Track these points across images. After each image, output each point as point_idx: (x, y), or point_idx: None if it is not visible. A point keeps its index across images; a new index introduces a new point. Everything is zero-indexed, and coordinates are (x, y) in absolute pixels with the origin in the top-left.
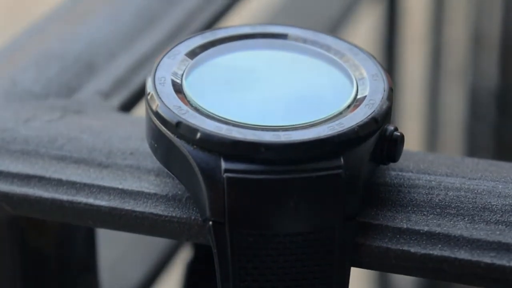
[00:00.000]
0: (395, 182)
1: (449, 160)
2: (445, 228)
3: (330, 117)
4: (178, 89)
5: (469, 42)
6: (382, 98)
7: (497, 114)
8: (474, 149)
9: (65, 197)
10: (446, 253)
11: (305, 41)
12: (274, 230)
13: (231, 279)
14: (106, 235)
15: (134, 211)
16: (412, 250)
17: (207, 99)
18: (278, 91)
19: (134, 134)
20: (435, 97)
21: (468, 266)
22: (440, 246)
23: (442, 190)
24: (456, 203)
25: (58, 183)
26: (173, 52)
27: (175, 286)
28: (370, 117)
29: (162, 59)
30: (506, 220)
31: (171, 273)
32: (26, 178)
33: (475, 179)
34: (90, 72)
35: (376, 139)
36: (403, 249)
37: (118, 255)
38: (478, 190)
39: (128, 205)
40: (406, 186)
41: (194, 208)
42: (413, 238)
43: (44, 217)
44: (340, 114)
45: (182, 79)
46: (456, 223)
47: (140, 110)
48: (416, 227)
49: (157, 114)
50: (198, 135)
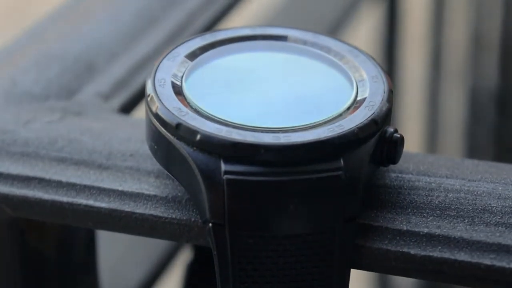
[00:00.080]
0: (395, 184)
1: (449, 161)
2: (445, 230)
3: (330, 119)
4: (178, 91)
5: (469, 43)
6: (382, 100)
7: (497, 116)
8: (474, 150)
9: (65, 199)
10: (446, 255)
11: (305, 43)
12: (274, 232)
13: (231, 281)
14: (106, 237)
15: (134, 213)
16: (412, 252)
17: (207, 101)
18: (278, 93)
19: (134, 136)
20: (435, 98)
21: (468, 268)
22: (440, 248)
23: (442, 192)
24: (456, 205)
25: (58, 185)
26: (173, 54)
27: (175, 287)
28: (370, 119)
29: (162, 61)
30: (506, 222)
31: (171, 274)
32: (26, 180)
33: (475, 181)
34: (90, 73)
35: (376, 141)
36: (403, 251)
37: (118, 257)
38: (478, 192)
39: (128, 207)
40: (406, 188)
41: (194, 210)
42: (413, 240)
43: (44, 219)
44: (340, 116)
45: (182, 81)
46: (456, 225)
47: (140, 112)
48: (416, 229)
49: (157, 116)
50: (198, 137)
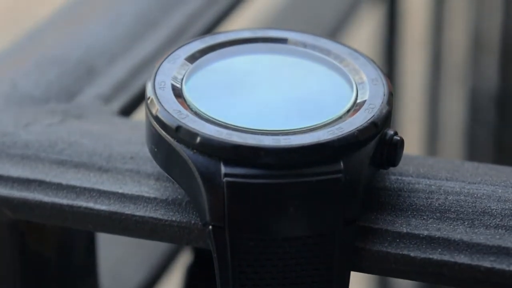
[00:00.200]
0: (395, 186)
1: (448, 164)
2: (444, 232)
3: (330, 121)
4: (178, 93)
5: (469, 45)
6: (382, 103)
7: (497, 118)
8: (474, 152)
9: (65, 201)
10: (446, 257)
11: (305, 45)
12: (274, 234)
13: (231, 283)
14: (106, 239)
15: (134, 216)
16: (412, 254)
17: (207, 104)
18: (278, 96)
19: (134, 139)
20: (435, 100)
21: (468, 271)
22: (440, 250)
23: (442, 194)
24: (456, 208)
25: (58, 187)
26: (173, 56)
27: None
28: (369, 121)
29: (162, 64)
30: (505, 224)
31: (171, 277)
32: (26, 182)
33: (475, 183)
34: (91, 76)
35: (376, 144)
36: (403, 253)
37: (118, 259)
38: (478, 194)
39: (128, 209)
40: (406, 190)
41: (194, 212)
42: (413, 243)
43: (44, 221)
44: (340, 119)
45: (182, 84)
46: (455, 228)
47: (140, 115)
48: (416, 232)
49: (157, 119)
50: (198, 140)
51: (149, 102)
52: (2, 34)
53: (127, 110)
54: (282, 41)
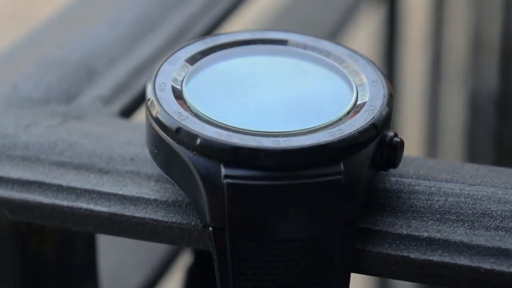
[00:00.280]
0: (395, 188)
1: (449, 166)
2: (445, 234)
3: (330, 123)
4: (178, 95)
5: (469, 47)
6: (382, 104)
7: (497, 119)
8: (474, 154)
9: (65, 203)
10: (446, 259)
11: (305, 47)
12: (274, 236)
13: (231, 285)
14: (107, 240)
15: (134, 217)
16: (412, 256)
17: (207, 105)
18: (278, 97)
19: (134, 140)
20: (435, 101)
21: (468, 272)
22: (440, 252)
23: (442, 196)
24: (456, 209)
25: (58, 189)
26: (173, 58)
27: None
28: (370, 123)
29: (162, 65)
30: (505, 226)
31: (171, 278)
32: (27, 184)
33: (475, 185)
34: (90, 78)
35: (376, 145)
36: (403, 255)
37: (118, 260)
38: (478, 196)
39: (128, 211)
40: (406, 192)
41: (194, 214)
42: (413, 244)
43: (44, 223)
44: (340, 120)
45: (182, 85)
46: (456, 229)
47: (140, 116)
48: (416, 233)
49: (157, 120)
50: (198, 141)
51: (149, 103)
52: (3, 39)
53: (127, 112)
54: (282, 42)
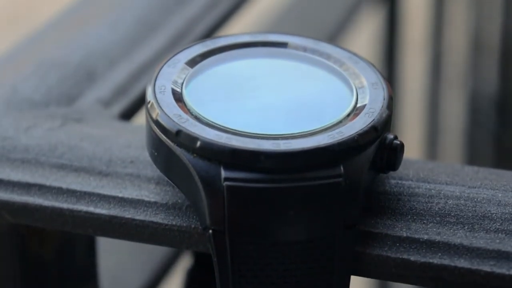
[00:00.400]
0: (395, 190)
1: (448, 168)
2: (444, 236)
3: (330, 125)
4: (178, 97)
5: (469, 49)
6: (382, 107)
7: (497, 121)
8: (474, 155)
9: (65, 205)
10: (446, 261)
11: (305, 49)
12: (274, 239)
13: (231, 287)
14: (106, 242)
15: (134, 220)
16: (412, 258)
17: (207, 108)
18: (278, 100)
19: (134, 143)
20: (435, 103)
21: (467, 275)
22: (439, 254)
23: (441, 198)
24: (455, 212)
25: (58, 192)
26: (173, 60)
27: None
28: (370, 125)
29: (162, 68)
30: (505, 228)
31: (171, 280)
32: (27, 187)
33: (475, 188)
34: (91, 80)
35: (376, 148)
36: (403, 257)
37: (118, 263)
38: (478, 199)
39: (128, 213)
40: (406, 194)
41: (194, 216)
42: (413, 247)
43: (44, 225)
44: (340, 123)
45: (182, 88)
46: (455, 232)
47: (140, 119)
48: (415, 236)
49: (157, 123)
50: (198, 144)
51: (149, 106)
52: (3, 41)
53: (127, 114)
54: (282, 45)
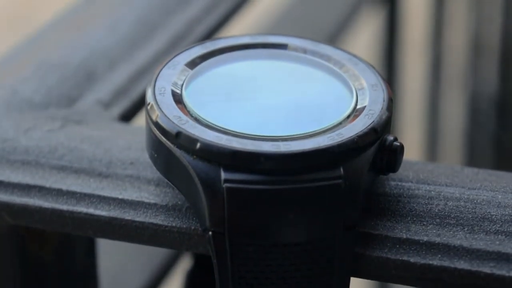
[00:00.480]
0: (395, 192)
1: (448, 169)
2: (444, 238)
3: (329, 127)
4: (178, 99)
5: (468, 50)
6: (381, 108)
7: (497, 122)
8: (474, 156)
9: (65, 207)
10: (446, 263)
11: (305, 51)
12: (274, 240)
13: None
14: (107, 244)
15: (134, 221)
16: (411, 260)
17: (207, 109)
18: (277, 101)
19: (134, 144)
20: (435, 105)
21: (467, 276)
22: (439, 256)
23: (441, 200)
24: (455, 213)
25: (58, 193)
26: (173, 62)
27: None
28: (369, 127)
29: (162, 69)
30: (505, 230)
31: (171, 282)
32: (26, 188)
33: (475, 189)
34: (90, 82)
35: (375, 149)
36: (403, 259)
37: (118, 264)
38: (478, 200)
39: (128, 215)
40: (405, 196)
41: (194, 218)
42: (412, 248)
43: (44, 227)
44: (339, 124)
45: (182, 89)
46: (455, 233)
47: (140, 120)
48: (415, 237)
49: (157, 124)
50: (198, 145)
51: (149, 108)
52: (3, 43)
53: (127, 116)
54: (282, 47)
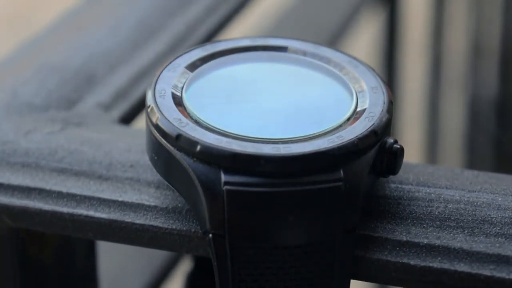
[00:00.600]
0: (395, 194)
1: (448, 172)
2: (444, 240)
3: (330, 129)
4: (178, 101)
5: (469, 51)
6: (381, 111)
7: (497, 124)
8: (474, 158)
9: (65, 209)
10: (446, 265)
11: (305, 53)
12: (274, 243)
13: None
14: (107, 246)
15: (134, 224)
16: (411, 262)
17: (207, 112)
18: (278, 104)
19: (134, 147)
20: (435, 107)
21: (467, 279)
22: (439, 258)
23: (441, 202)
24: (455, 216)
25: (59, 196)
26: (173, 64)
27: None
28: (369, 130)
29: (162, 72)
30: (505, 232)
31: (171, 284)
32: (27, 191)
33: (475, 192)
34: (91, 84)
35: (375, 152)
36: (403, 261)
37: (118, 266)
38: (478, 203)
39: (128, 217)
40: (405, 198)
41: (194, 220)
42: (412, 251)
43: (44, 229)
44: (340, 127)
45: (182, 92)
46: (455, 236)
47: (140, 123)
48: (415, 240)
49: (157, 127)
50: (198, 148)
51: (149, 110)
52: (2, 44)
53: (127, 118)
54: (282, 49)
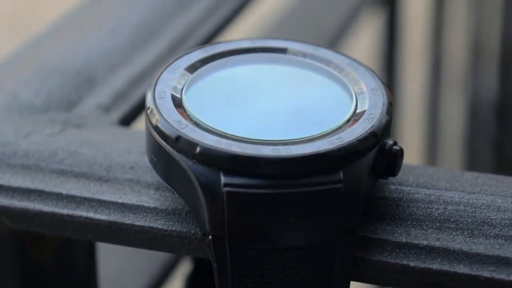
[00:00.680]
0: (395, 196)
1: (448, 174)
2: (444, 242)
3: (329, 131)
4: (178, 103)
5: (469, 54)
6: (381, 113)
7: (497, 126)
8: (474, 160)
9: (65, 211)
10: (445, 267)
11: (304, 55)
12: (274, 245)
13: None
14: (106, 248)
15: (134, 225)
16: (411, 264)
17: (207, 113)
18: (277, 105)
19: (134, 148)
20: (435, 109)
21: (467, 281)
22: (439, 260)
23: (441, 204)
24: (455, 217)
25: (58, 197)
26: (173, 66)
27: None
28: (369, 131)
29: (162, 74)
30: (505, 234)
31: (171, 286)
32: (26, 192)
33: (475, 193)
34: (91, 86)
35: (375, 154)
36: (403, 263)
37: (118, 268)
38: (477, 204)
39: (128, 219)
40: (405, 200)
41: (194, 222)
42: (412, 252)
43: (44, 231)
44: (339, 129)
45: (182, 94)
46: (455, 237)
47: (140, 124)
48: (415, 241)
49: (157, 129)
50: (198, 150)
51: (149, 112)
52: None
53: (127, 120)
54: (282, 51)
